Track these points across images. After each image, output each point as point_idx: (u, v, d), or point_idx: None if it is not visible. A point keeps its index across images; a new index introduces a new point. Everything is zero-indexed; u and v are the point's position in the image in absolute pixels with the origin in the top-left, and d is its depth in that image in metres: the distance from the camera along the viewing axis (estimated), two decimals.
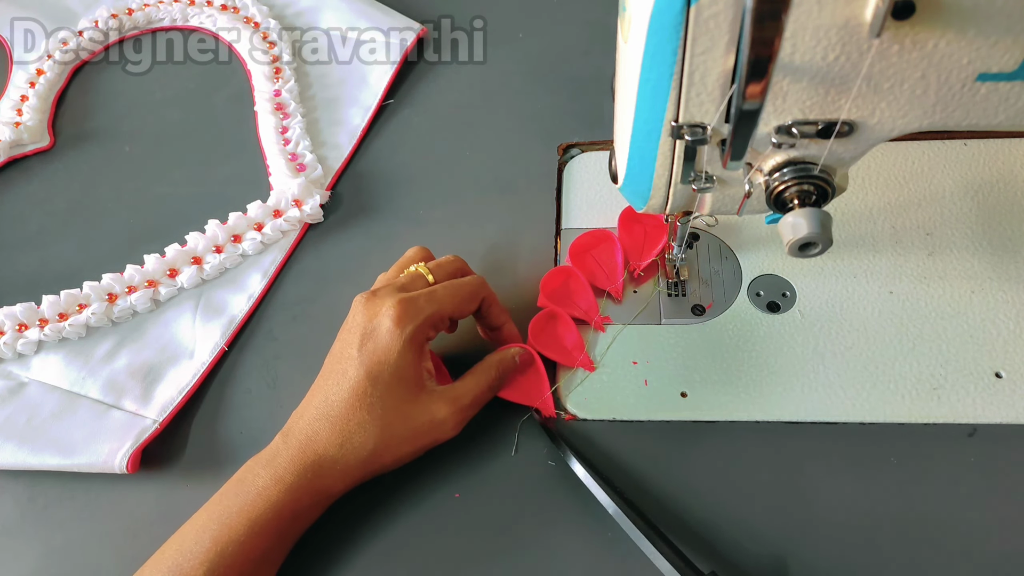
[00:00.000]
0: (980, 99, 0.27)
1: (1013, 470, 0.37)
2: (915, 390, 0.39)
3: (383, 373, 0.34)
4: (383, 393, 0.34)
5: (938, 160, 0.48)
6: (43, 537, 0.40)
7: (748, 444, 0.39)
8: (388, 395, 0.34)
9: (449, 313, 0.37)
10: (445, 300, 0.37)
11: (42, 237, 0.54)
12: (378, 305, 0.36)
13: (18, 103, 0.60)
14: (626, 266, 0.45)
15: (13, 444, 0.42)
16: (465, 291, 0.38)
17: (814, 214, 0.29)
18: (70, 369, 0.45)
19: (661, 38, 0.26)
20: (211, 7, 0.65)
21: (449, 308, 0.37)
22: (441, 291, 0.37)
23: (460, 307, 0.38)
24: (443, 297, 0.37)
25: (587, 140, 0.53)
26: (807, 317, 0.42)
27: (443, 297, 0.37)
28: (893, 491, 0.37)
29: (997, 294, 0.42)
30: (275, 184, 0.52)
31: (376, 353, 0.35)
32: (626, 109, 0.31)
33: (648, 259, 0.45)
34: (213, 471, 0.41)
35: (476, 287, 0.38)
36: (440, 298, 0.37)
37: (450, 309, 0.37)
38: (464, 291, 0.38)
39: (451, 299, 0.37)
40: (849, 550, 0.35)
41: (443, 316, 0.37)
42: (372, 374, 0.34)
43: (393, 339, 0.35)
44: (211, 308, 0.47)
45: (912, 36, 0.25)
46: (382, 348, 0.35)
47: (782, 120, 0.28)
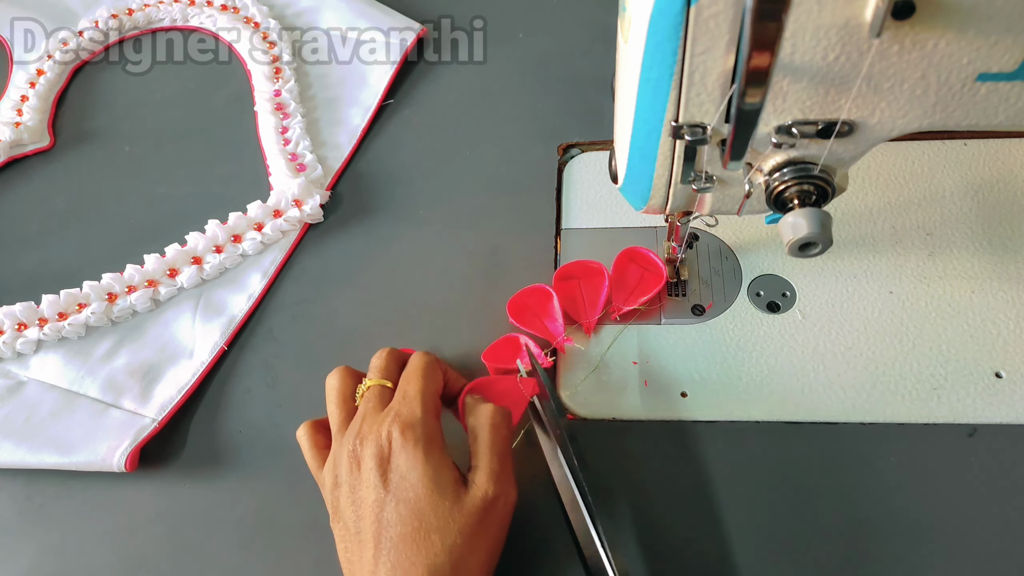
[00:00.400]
0: (980, 99, 0.27)
1: (1013, 470, 0.37)
2: (915, 390, 0.39)
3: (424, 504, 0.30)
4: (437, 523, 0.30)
5: (938, 160, 0.48)
6: (40, 535, 0.40)
7: (748, 444, 0.39)
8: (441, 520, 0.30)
9: (434, 392, 0.35)
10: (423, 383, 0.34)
11: (42, 237, 0.54)
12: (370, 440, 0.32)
13: (18, 103, 0.60)
14: (607, 305, 0.43)
15: (11, 443, 0.42)
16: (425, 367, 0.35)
17: (814, 214, 0.29)
18: (69, 368, 0.45)
19: (661, 38, 0.26)
20: (211, 7, 0.65)
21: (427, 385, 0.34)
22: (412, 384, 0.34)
23: (433, 382, 0.35)
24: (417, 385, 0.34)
25: (587, 140, 0.53)
26: (807, 317, 0.42)
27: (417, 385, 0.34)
28: (893, 491, 0.37)
29: (997, 294, 0.42)
30: (275, 184, 0.52)
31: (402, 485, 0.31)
32: (626, 109, 0.31)
33: (632, 305, 0.43)
34: (212, 470, 0.41)
35: (425, 357, 0.36)
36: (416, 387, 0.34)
37: (430, 385, 0.34)
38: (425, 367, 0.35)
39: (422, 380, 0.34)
40: (849, 550, 0.35)
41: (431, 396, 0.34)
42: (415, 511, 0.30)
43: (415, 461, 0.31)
44: (211, 308, 0.47)
45: (912, 36, 0.25)
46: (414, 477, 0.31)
47: (782, 120, 0.28)
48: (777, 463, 0.38)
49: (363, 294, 0.47)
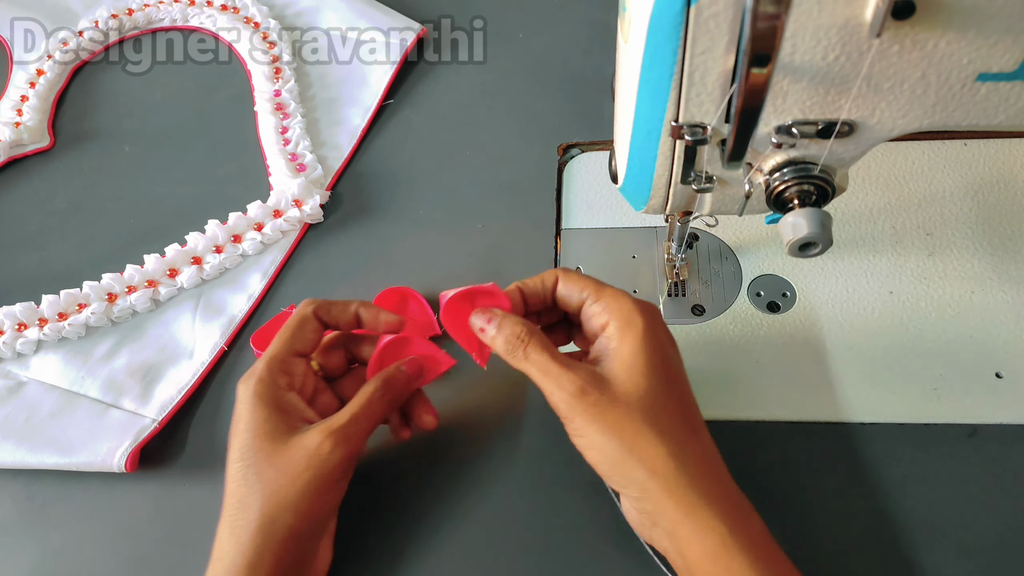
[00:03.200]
0: (980, 99, 0.27)
1: (1013, 470, 0.37)
2: (915, 390, 0.39)
3: (243, 445, 0.33)
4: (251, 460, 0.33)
5: (938, 160, 0.48)
6: (41, 536, 0.40)
7: (748, 444, 0.39)
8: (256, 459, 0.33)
9: (285, 351, 0.35)
10: (275, 345, 0.36)
11: (42, 237, 0.53)
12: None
13: (18, 103, 0.60)
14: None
15: (12, 443, 0.42)
16: (290, 323, 0.36)
17: (814, 214, 0.29)
18: (69, 368, 0.45)
19: (661, 38, 0.26)
20: (211, 7, 0.65)
21: (280, 346, 0.35)
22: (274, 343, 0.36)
23: (292, 339, 0.36)
24: (274, 345, 0.36)
25: (587, 140, 0.53)
26: (807, 317, 0.42)
27: (274, 345, 0.36)
28: (893, 491, 0.37)
29: (997, 294, 0.42)
30: (275, 184, 0.52)
31: (235, 432, 0.34)
32: (626, 109, 0.31)
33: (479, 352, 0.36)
34: (212, 470, 0.41)
35: (299, 311, 0.37)
36: (271, 348, 0.35)
37: (282, 346, 0.35)
38: (289, 324, 0.36)
39: (279, 340, 0.36)
40: (849, 550, 0.35)
41: (279, 358, 0.35)
42: (236, 452, 0.33)
43: (241, 409, 0.34)
44: (211, 308, 0.47)
45: (912, 36, 0.25)
46: (239, 424, 0.34)
47: (782, 120, 0.28)
48: (777, 463, 0.38)
49: (363, 294, 0.47)
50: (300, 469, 0.32)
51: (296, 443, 0.33)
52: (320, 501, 0.33)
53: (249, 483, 0.32)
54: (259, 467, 0.33)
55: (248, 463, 0.33)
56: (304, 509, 0.32)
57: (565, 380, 0.31)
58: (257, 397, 0.34)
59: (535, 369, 0.32)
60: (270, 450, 0.33)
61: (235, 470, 0.33)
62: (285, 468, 0.32)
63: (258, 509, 0.32)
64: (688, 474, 0.30)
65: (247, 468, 0.33)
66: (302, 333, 0.36)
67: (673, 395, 0.32)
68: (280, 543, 0.32)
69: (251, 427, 0.33)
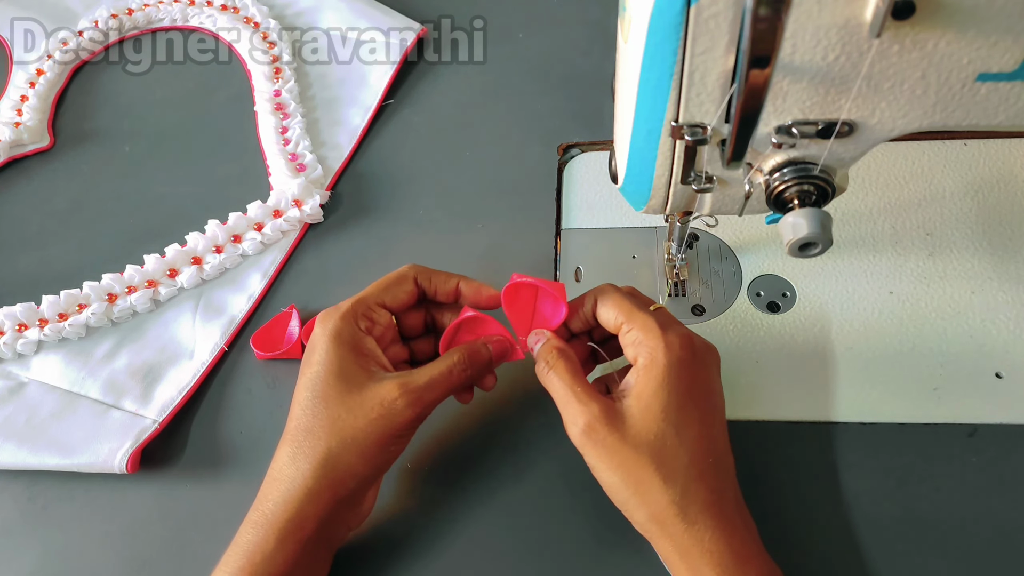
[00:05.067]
0: (980, 99, 0.27)
1: (1013, 470, 0.37)
2: (915, 390, 0.39)
3: (316, 376, 0.34)
4: (322, 393, 0.33)
5: (938, 160, 0.48)
6: (42, 537, 0.40)
7: (747, 444, 0.38)
8: (328, 393, 0.33)
9: (374, 299, 0.36)
10: (368, 290, 0.36)
11: (42, 237, 0.53)
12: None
13: (18, 103, 0.60)
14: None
15: (13, 444, 0.42)
16: (390, 277, 0.37)
17: (814, 214, 0.29)
18: (70, 369, 0.45)
19: (661, 38, 0.26)
20: (211, 7, 0.65)
21: (371, 293, 0.36)
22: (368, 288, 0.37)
23: (385, 291, 0.36)
24: (367, 290, 0.36)
25: (587, 140, 0.53)
26: (807, 317, 0.42)
27: (367, 290, 0.36)
28: (893, 491, 0.37)
29: (997, 294, 0.42)
30: (275, 184, 0.52)
31: (309, 363, 0.34)
32: (626, 109, 0.31)
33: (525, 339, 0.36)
34: (213, 471, 0.41)
35: (401, 270, 0.37)
36: (364, 292, 0.36)
37: (373, 294, 0.36)
38: (388, 277, 0.37)
39: (374, 287, 0.36)
40: (849, 550, 0.35)
41: (367, 303, 0.36)
42: (308, 382, 0.34)
43: (318, 341, 0.34)
44: (211, 308, 0.47)
45: (912, 36, 0.25)
46: (313, 355, 0.34)
47: (782, 120, 0.28)
48: (777, 463, 0.38)
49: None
50: (372, 416, 0.33)
51: (372, 389, 0.33)
52: (384, 450, 0.33)
53: (318, 414, 0.33)
54: (330, 402, 0.33)
55: (318, 395, 0.33)
56: (369, 454, 0.33)
57: (577, 413, 0.32)
58: (336, 333, 0.34)
59: (554, 396, 0.33)
60: (343, 388, 0.33)
61: (304, 399, 0.33)
62: (356, 411, 0.33)
63: (325, 441, 0.32)
64: (688, 521, 0.30)
65: (316, 400, 0.33)
66: (396, 289, 0.37)
67: (688, 439, 0.31)
68: (340, 480, 0.32)
69: (325, 361, 0.34)
